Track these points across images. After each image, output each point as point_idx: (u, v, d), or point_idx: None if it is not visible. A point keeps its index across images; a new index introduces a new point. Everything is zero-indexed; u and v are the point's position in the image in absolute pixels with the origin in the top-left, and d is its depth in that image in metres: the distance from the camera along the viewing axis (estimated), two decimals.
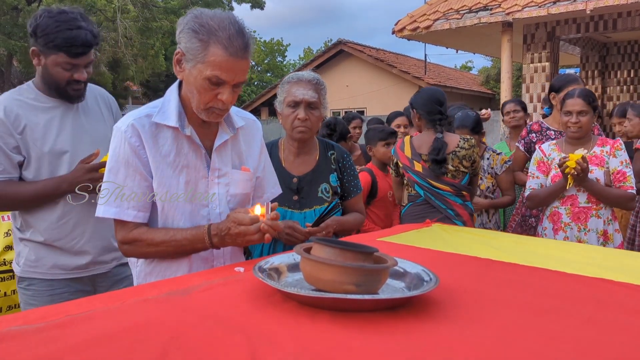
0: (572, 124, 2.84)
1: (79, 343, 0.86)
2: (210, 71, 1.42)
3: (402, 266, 1.26)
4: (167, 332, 0.91)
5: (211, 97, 1.47)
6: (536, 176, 2.97)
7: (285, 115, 2.13)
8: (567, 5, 6.99)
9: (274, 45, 38.42)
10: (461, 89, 19.76)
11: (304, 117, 2.08)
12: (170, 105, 1.55)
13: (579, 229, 2.81)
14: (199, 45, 1.42)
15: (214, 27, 1.42)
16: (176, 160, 1.54)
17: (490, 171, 3.40)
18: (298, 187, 2.14)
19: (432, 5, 8.53)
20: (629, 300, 1.21)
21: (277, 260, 1.29)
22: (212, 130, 1.62)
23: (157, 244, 1.52)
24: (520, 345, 0.92)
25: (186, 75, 1.48)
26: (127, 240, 1.53)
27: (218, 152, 1.62)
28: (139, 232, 1.52)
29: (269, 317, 1.01)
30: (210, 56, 1.42)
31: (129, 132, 1.49)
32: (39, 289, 2.01)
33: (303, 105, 2.09)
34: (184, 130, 1.54)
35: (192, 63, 1.44)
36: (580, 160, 2.67)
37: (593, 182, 2.77)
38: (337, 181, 2.21)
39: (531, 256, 1.63)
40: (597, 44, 9.93)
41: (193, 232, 1.52)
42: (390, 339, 0.92)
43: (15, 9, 14.25)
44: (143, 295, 1.11)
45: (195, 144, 1.57)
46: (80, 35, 1.92)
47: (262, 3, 19.52)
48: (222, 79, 1.44)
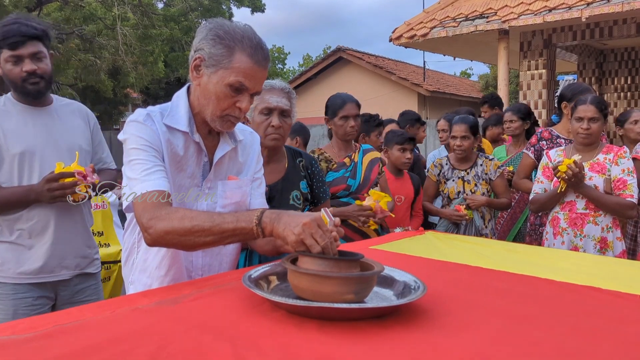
0: (583, 130, 2.84)
1: (68, 353, 0.87)
2: (234, 77, 1.42)
3: (390, 274, 1.27)
4: (155, 342, 0.92)
5: (229, 105, 1.47)
6: (541, 181, 3.01)
7: (257, 122, 2.11)
8: (563, 13, 7.03)
9: (275, 52, 38.55)
10: (460, 95, 19.80)
11: (278, 124, 2.08)
12: (180, 110, 1.53)
13: (575, 234, 2.82)
14: (224, 51, 1.42)
15: (240, 34, 1.43)
16: (181, 162, 1.53)
17: (484, 177, 3.42)
18: (270, 196, 2.11)
19: (429, 13, 8.58)
20: (616, 308, 1.22)
21: (267, 269, 1.30)
22: (214, 142, 1.61)
23: (195, 218, 1.33)
24: (505, 352, 0.93)
25: (204, 81, 1.47)
26: (158, 216, 1.35)
27: (217, 165, 1.60)
28: (171, 208, 1.38)
29: (257, 326, 1.02)
30: (235, 62, 1.42)
31: (149, 121, 1.47)
32: (2, 292, 2.08)
33: (277, 113, 2.09)
34: (193, 135, 1.53)
35: (214, 69, 1.44)
36: (572, 165, 2.69)
37: (590, 188, 2.78)
38: (307, 188, 2.25)
39: (522, 264, 1.65)
40: (594, 51, 9.97)
41: (238, 215, 1.35)
42: (377, 348, 0.93)
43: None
44: (133, 304, 1.12)
45: (200, 151, 1.57)
46: (14, 28, 2.04)
47: (262, 7, 19.61)
48: (245, 86, 1.44)
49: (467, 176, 3.44)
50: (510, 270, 1.54)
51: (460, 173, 3.47)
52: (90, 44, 15.53)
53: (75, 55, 14.99)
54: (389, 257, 1.69)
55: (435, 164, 3.59)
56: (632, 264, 1.95)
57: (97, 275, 2.34)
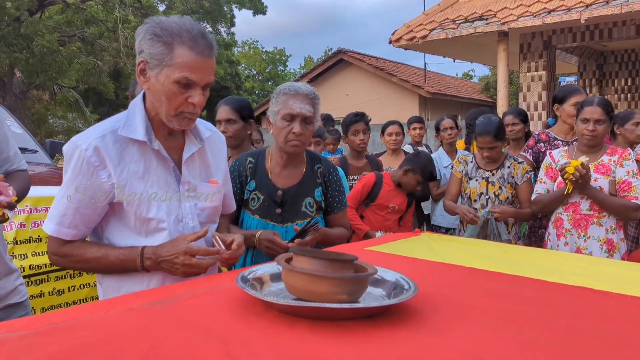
0: (589, 132, 2.82)
1: (61, 351, 0.88)
2: (179, 73, 1.40)
3: (382, 275, 1.28)
4: (148, 341, 0.93)
5: (181, 102, 1.44)
6: (543, 181, 3.00)
7: (278, 127, 2.06)
8: (562, 15, 7.05)
9: (276, 54, 38.62)
10: (461, 97, 19.82)
11: (300, 132, 2.02)
12: (136, 119, 1.51)
13: (578, 235, 2.82)
14: (163, 48, 1.40)
15: (176, 29, 1.41)
16: (145, 176, 1.51)
17: (510, 180, 3.21)
18: (282, 200, 2.09)
19: (429, 15, 8.61)
20: (606, 308, 1.23)
21: (261, 270, 1.31)
22: (178, 142, 1.59)
23: (88, 261, 1.50)
24: (492, 352, 0.94)
25: (152, 83, 1.44)
26: (58, 253, 1.52)
27: (187, 165, 1.59)
28: (71, 247, 1.51)
29: (249, 326, 1.03)
30: (176, 58, 1.39)
31: (90, 151, 1.44)
32: None
33: (299, 120, 2.03)
34: (152, 144, 1.50)
35: (158, 69, 1.41)
36: (580, 166, 2.67)
37: (595, 190, 2.77)
38: (322, 196, 2.17)
39: (516, 265, 1.65)
40: (595, 53, 9.98)
41: (126, 252, 1.49)
42: (366, 347, 0.94)
43: (17, 20, 14.36)
44: (127, 304, 1.13)
45: (163, 158, 1.54)
46: None
47: (263, 9, 19.67)
48: (191, 80, 1.42)
49: (492, 177, 3.24)
50: (504, 271, 1.55)
51: (485, 173, 3.27)
52: (91, 46, 15.59)
53: (77, 57, 15.05)
54: (384, 258, 1.70)
55: (460, 160, 3.39)
56: (628, 265, 1.95)
57: (24, 303, 2.03)
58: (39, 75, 15.01)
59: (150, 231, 1.53)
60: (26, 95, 17.28)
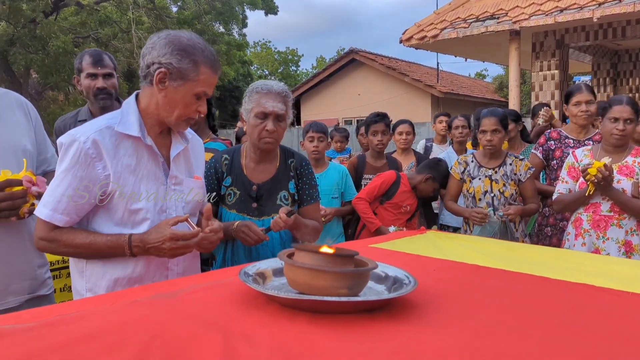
0: (618, 131, 2.78)
1: (67, 340, 0.91)
2: (200, 88, 1.61)
3: (384, 270, 1.30)
4: (151, 331, 0.95)
5: (192, 110, 1.65)
6: (565, 181, 2.96)
7: (252, 124, 2.13)
8: (574, 14, 6.99)
9: (288, 54, 38.70)
10: (474, 97, 19.73)
11: (273, 129, 2.10)
12: (130, 117, 1.65)
13: (597, 236, 2.78)
14: (191, 66, 1.58)
15: (200, 48, 1.59)
16: (137, 170, 1.65)
17: (513, 177, 3.26)
18: (257, 195, 2.17)
19: (440, 14, 8.58)
20: (607, 305, 1.23)
21: (263, 265, 1.34)
22: (166, 141, 1.75)
23: (77, 246, 1.60)
24: (489, 346, 0.95)
25: (170, 92, 1.61)
26: (47, 238, 1.60)
27: (175, 161, 1.74)
28: (59, 233, 1.60)
29: (250, 318, 1.05)
30: (202, 75, 1.60)
31: (89, 143, 1.56)
32: None
33: (272, 118, 2.10)
34: (145, 139, 1.65)
35: (182, 81, 1.59)
36: (602, 167, 2.63)
37: (618, 192, 2.72)
38: (295, 188, 2.24)
39: (519, 262, 1.66)
40: (609, 52, 9.88)
41: (113, 239, 1.60)
42: (364, 339, 0.96)
43: (33, 21, 14.56)
44: (132, 297, 1.16)
45: (154, 153, 1.69)
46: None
47: (275, 9, 19.75)
48: (207, 94, 1.65)
49: (495, 175, 3.26)
50: (506, 268, 1.55)
51: (487, 171, 3.29)
52: (105, 47, 15.75)
53: None
54: (388, 254, 1.71)
55: (460, 162, 3.43)
56: (633, 263, 1.95)
57: (50, 296, 2.06)
58: (54, 76, 15.21)
59: (136, 223, 1.65)
60: (42, 96, 17.53)
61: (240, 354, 0.87)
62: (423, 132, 12.73)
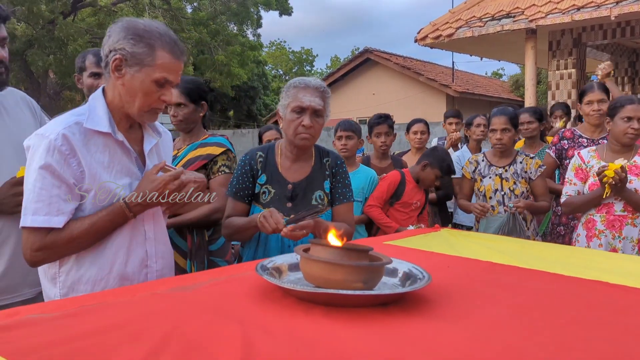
0: (634, 131, 2.77)
1: (89, 330, 0.94)
2: (159, 73, 1.53)
3: (397, 266, 1.31)
4: (170, 322, 0.99)
5: (155, 99, 1.57)
6: (573, 183, 2.95)
7: (288, 120, 2.07)
8: (592, 12, 6.92)
9: (303, 54, 38.81)
10: (490, 96, 19.59)
11: (309, 125, 2.03)
12: (98, 112, 1.58)
13: (613, 236, 2.79)
14: (145, 49, 1.52)
15: (158, 32, 1.54)
16: (110, 166, 1.58)
17: (524, 175, 3.26)
18: (292, 194, 2.11)
19: (455, 13, 8.54)
20: (619, 301, 1.23)
21: (280, 260, 1.36)
22: (137, 135, 1.70)
23: (78, 237, 1.51)
24: (503, 339, 0.97)
25: (127, 79, 1.54)
26: (44, 246, 1.49)
27: (149, 156, 1.70)
28: (55, 234, 1.49)
29: (267, 311, 1.08)
30: (158, 59, 1.53)
31: (60, 140, 1.48)
32: None
33: (309, 112, 2.04)
34: (116, 135, 1.58)
35: (138, 67, 1.52)
36: (619, 170, 2.64)
37: (631, 192, 2.73)
38: (330, 188, 2.18)
39: (533, 260, 1.66)
40: (627, 50, 9.76)
41: (109, 211, 1.55)
42: (377, 332, 0.98)
43: (52, 22, 14.77)
44: (151, 289, 1.20)
45: (126, 148, 1.63)
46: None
47: (289, 9, 19.80)
48: (169, 80, 1.56)
49: (506, 174, 3.28)
50: (520, 265, 1.56)
51: (498, 170, 3.31)
52: None
53: None
54: (402, 251, 1.73)
55: (471, 161, 3.45)
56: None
57: None
58: (71, 77, 15.40)
59: None
60: (59, 96, 17.77)
61: (258, 344, 0.90)
62: (437, 131, 12.63)
